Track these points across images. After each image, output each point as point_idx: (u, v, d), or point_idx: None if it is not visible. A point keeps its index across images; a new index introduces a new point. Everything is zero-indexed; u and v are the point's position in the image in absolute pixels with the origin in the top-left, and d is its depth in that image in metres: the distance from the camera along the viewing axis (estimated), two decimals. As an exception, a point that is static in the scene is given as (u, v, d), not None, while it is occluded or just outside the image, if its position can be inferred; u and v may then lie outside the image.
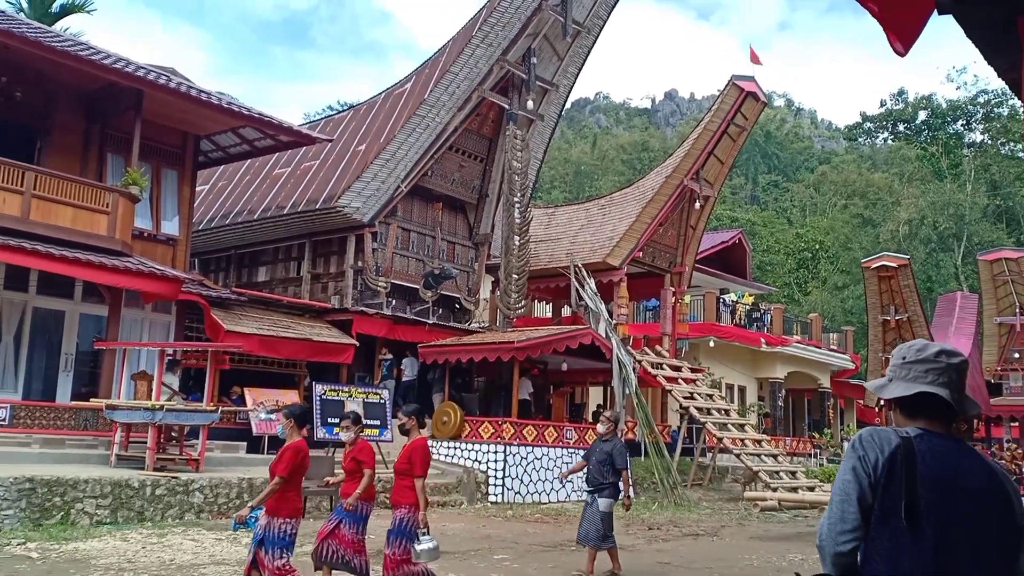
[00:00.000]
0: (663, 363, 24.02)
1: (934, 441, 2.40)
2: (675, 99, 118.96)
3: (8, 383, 15.26)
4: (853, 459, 2.43)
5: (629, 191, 26.85)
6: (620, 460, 9.50)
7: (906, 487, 2.32)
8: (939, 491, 2.31)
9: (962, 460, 2.38)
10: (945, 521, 2.29)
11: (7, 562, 8.85)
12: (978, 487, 2.34)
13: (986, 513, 2.32)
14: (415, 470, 6.98)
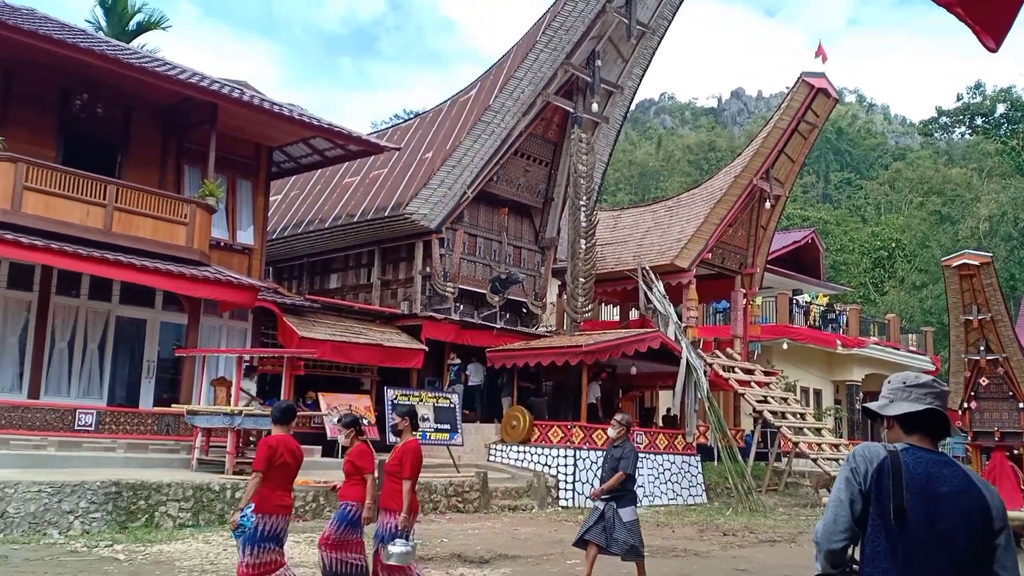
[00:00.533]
0: (735, 366, 23.62)
1: (918, 454, 2.82)
2: (742, 97, 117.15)
3: (94, 390, 15.82)
4: (847, 470, 2.86)
5: (697, 192, 26.51)
6: (624, 463, 9.00)
7: (893, 492, 2.73)
8: (921, 494, 2.73)
9: (942, 469, 2.78)
10: (926, 519, 2.71)
11: (96, 564, 9.15)
12: (954, 491, 2.74)
13: (961, 513, 2.72)
14: (404, 472, 6.89)
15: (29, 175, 13.50)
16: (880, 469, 2.79)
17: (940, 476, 2.77)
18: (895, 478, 2.76)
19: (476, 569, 9.83)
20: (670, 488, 19.92)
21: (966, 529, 2.72)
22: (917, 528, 2.71)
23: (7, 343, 14.87)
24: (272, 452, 6.33)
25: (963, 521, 2.72)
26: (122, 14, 26.24)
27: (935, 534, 2.71)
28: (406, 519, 6.84)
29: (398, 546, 6.73)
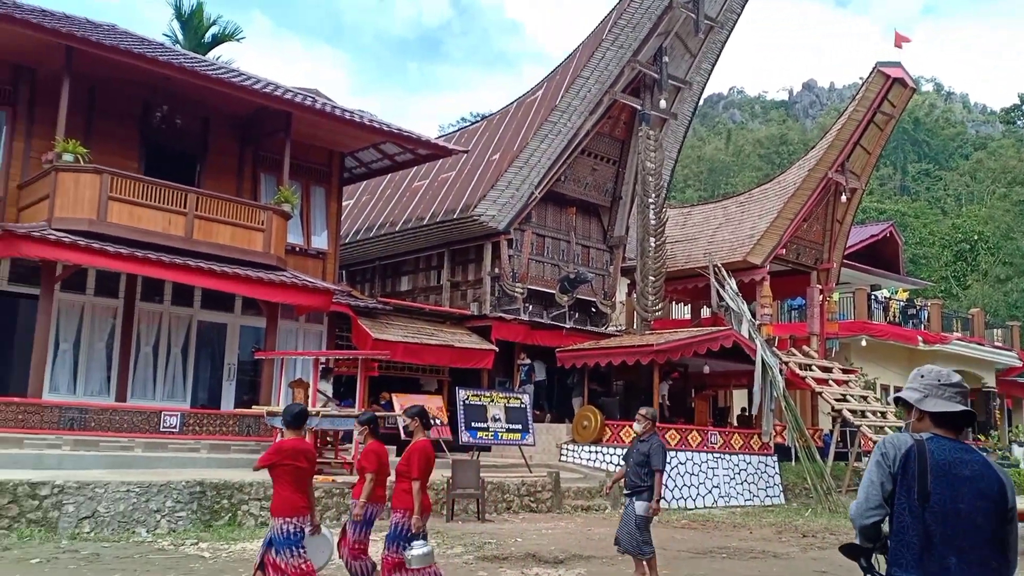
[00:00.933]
0: (812, 364, 23.09)
1: (942, 443, 3.20)
2: (814, 89, 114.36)
3: (178, 393, 16.35)
4: (878, 455, 3.27)
5: (769, 186, 26.03)
6: (656, 460, 8.75)
7: (918, 476, 3.12)
8: (944, 478, 3.11)
9: (963, 456, 3.17)
10: (949, 499, 3.09)
11: (182, 561, 9.45)
12: (972, 475, 3.12)
13: (979, 494, 3.09)
14: (412, 472, 6.86)
15: (114, 186, 14.01)
16: (907, 455, 3.18)
17: (961, 462, 3.16)
18: (920, 463, 3.14)
19: (551, 569, 9.84)
20: (746, 489, 19.59)
21: (984, 509, 3.10)
22: (939, 507, 3.09)
23: (95, 348, 15.47)
24: (279, 452, 6.37)
25: (981, 502, 3.10)
26: (198, 27, 27.06)
27: (956, 512, 3.09)
28: (419, 520, 6.82)
29: (416, 548, 6.71)
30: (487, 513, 14.31)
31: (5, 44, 14.20)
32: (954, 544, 3.07)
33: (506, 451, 18.95)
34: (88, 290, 15.42)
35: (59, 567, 8.65)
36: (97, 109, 15.88)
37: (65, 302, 15.01)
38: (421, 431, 7.17)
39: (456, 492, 14.00)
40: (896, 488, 3.19)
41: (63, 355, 15.02)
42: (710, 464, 19.03)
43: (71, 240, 13.21)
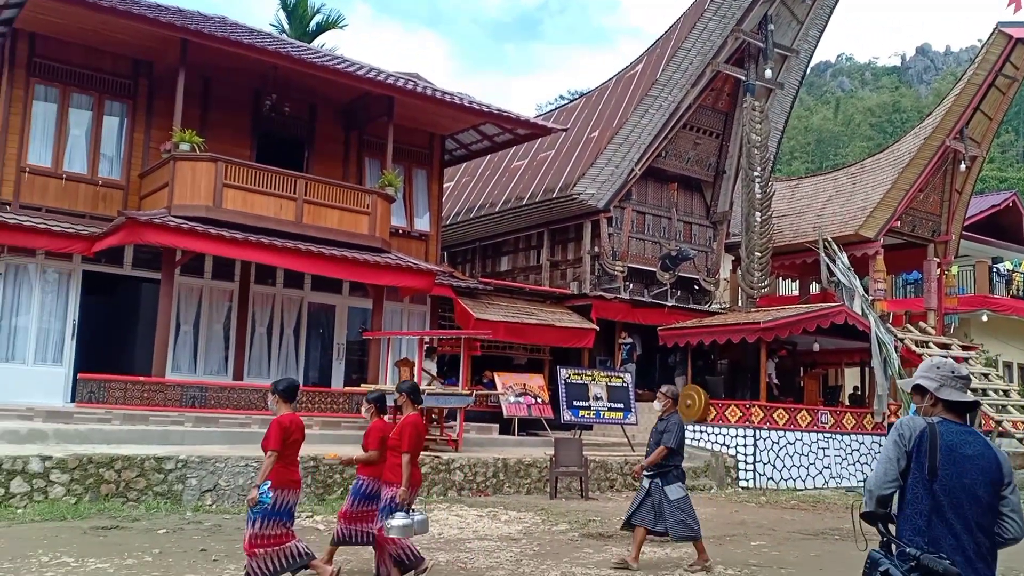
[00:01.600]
0: (929, 341, 22.13)
1: (949, 426, 3.71)
2: (928, 54, 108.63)
3: (291, 371, 16.97)
4: (895, 435, 3.74)
5: (882, 156, 24.92)
6: (667, 437, 8.51)
7: (929, 454, 3.61)
8: (950, 456, 3.61)
9: (967, 437, 3.68)
10: (954, 474, 3.59)
11: (300, 533, 9.83)
12: (974, 454, 3.63)
13: (980, 470, 3.61)
14: (403, 446, 6.96)
15: (228, 173, 14.59)
16: (921, 436, 3.68)
17: (965, 443, 3.67)
18: (931, 443, 3.64)
19: (657, 548, 9.81)
20: (859, 470, 19.00)
21: (983, 481, 3.61)
22: (946, 481, 3.60)
23: (213, 330, 16.21)
24: (286, 431, 6.51)
25: (981, 476, 3.61)
26: (302, 16, 27.79)
27: (961, 486, 3.60)
28: (405, 492, 6.95)
29: (397, 519, 6.87)
30: (590, 491, 14.35)
31: (126, 39, 14.95)
32: (958, 512, 3.61)
33: (608, 430, 18.93)
34: (206, 274, 16.14)
35: (184, 537, 9.15)
36: (211, 99, 16.55)
37: (185, 286, 15.76)
38: (410, 406, 7.31)
39: (559, 470, 14.09)
40: (910, 464, 3.70)
41: (184, 336, 15.80)
42: (820, 444, 18.54)
43: (189, 226, 13.84)
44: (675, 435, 8.54)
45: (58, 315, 14.76)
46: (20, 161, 14.69)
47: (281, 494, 6.51)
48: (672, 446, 8.51)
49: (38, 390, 14.05)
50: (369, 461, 7.49)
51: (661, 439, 8.57)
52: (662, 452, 8.52)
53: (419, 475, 7.30)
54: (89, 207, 15.18)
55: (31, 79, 14.91)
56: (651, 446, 8.78)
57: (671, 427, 8.59)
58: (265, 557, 6.46)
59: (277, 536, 6.51)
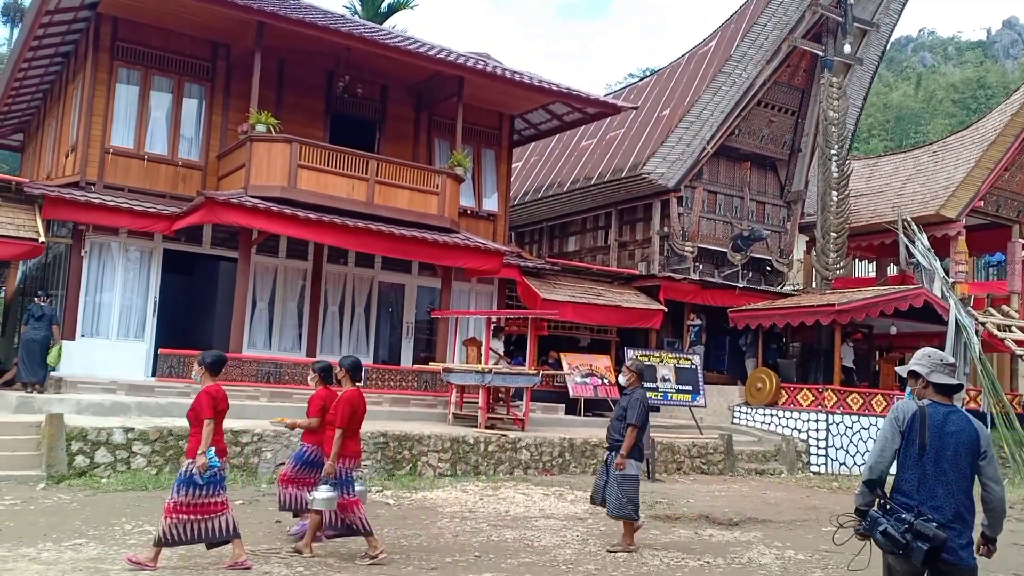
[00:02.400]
0: (1012, 325, 21.33)
1: (937, 407, 4.47)
2: (1016, 27, 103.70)
3: (361, 349, 17.26)
4: (892, 417, 4.53)
5: (966, 134, 24.01)
6: (632, 413, 8.17)
7: (920, 432, 4.39)
8: (937, 433, 4.38)
9: (951, 416, 4.43)
10: (939, 448, 4.36)
11: (369, 507, 9.95)
12: (956, 430, 4.39)
13: (961, 443, 4.36)
14: (336, 420, 7.17)
15: (303, 154, 14.83)
16: (913, 417, 4.45)
17: (949, 421, 4.42)
18: (921, 423, 4.42)
19: (726, 531, 9.73)
20: (935, 457, 18.47)
21: (964, 452, 4.37)
22: (933, 454, 4.37)
23: (288, 308, 16.58)
24: (214, 400, 6.71)
25: (962, 448, 4.37)
26: (374, -3, 28.01)
27: (944, 457, 4.36)
28: (331, 466, 7.09)
29: (321, 492, 7.05)
30: (657, 473, 14.29)
31: (204, 22, 15.29)
32: (941, 479, 4.37)
33: (676, 412, 18.79)
34: (281, 253, 16.49)
35: (260, 508, 9.43)
36: (286, 81, 16.83)
37: (260, 264, 16.14)
38: (349, 382, 7.47)
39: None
40: (904, 441, 4.46)
41: (259, 314, 16.20)
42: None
43: (265, 206, 14.14)
44: (637, 411, 8.26)
45: (140, 292, 15.28)
46: (104, 142, 15.19)
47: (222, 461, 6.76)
48: (636, 423, 8.23)
49: (121, 364, 14.59)
50: (310, 427, 7.78)
51: (626, 415, 8.31)
52: (632, 434, 8.23)
53: (353, 448, 7.39)
54: (169, 187, 15.63)
55: (114, 62, 15.37)
56: (613, 422, 8.55)
57: (633, 403, 8.31)
58: (188, 523, 6.57)
59: (211, 505, 6.66)
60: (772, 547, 8.89)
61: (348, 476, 7.27)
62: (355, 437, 7.40)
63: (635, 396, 8.38)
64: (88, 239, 14.87)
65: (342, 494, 7.20)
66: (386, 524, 8.97)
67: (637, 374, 8.64)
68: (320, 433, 7.67)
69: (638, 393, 8.44)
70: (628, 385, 8.64)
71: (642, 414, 8.27)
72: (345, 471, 7.25)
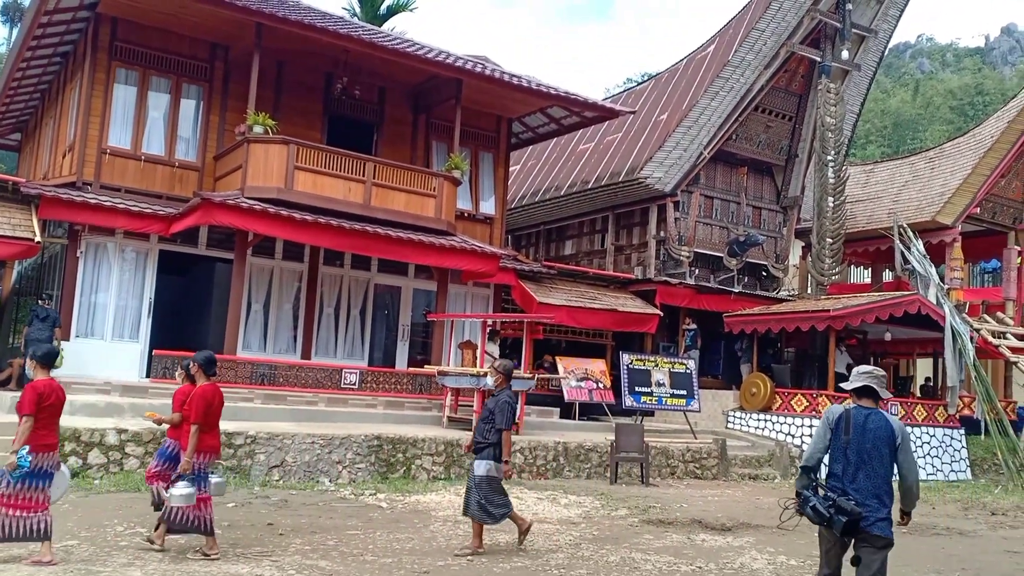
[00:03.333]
0: (1007, 332, 21.39)
1: (860, 409, 5.45)
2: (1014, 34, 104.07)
3: (356, 352, 17.28)
4: (824, 417, 5.53)
5: (962, 140, 24.08)
6: (500, 418, 7.94)
7: (844, 429, 5.38)
8: (858, 431, 5.35)
9: (871, 416, 5.39)
10: (860, 442, 5.33)
11: (362, 510, 10.06)
12: (874, 427, 5.35)
13: (878, 437, 5.32)
14: (191, 416, 7.25)
15: (300, 156, 14.84)
16: (840, 418, 5.47)
17: (868, 419, 5.41)
18: (846, 424, 5.42)
19: (718, 536, 9.74)
20: (929, 463, 18.52)
21: (882, 444, 5.35)
22: (855, 446, 5.36)
23: (283, 310, 16.58)
24: (41, 396, 6.61)
25: (879, 442, 5.35)
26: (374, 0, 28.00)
27: (865, 449, 5.35)
28: (187, 462, 7.12)
29: (178, 488, 7.05)
30: (651, 478, 14.30)
31: (203, 23, 15.30)
32: (862, 467, 5.34)
33: (670, 416, 18.82)
34: (277, 255, 16.50)
35: (252, 511, 9.43)
36: (283, 83, 16.84)
37: (256, 266, 16.14)
38: (203, 376, 7.52)
39: (620, 456, 14.07)
40: (832, 436, 5.48)
41: (255, 316, 16.20)
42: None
43: (261, 208, 14.14)
44: (506, 415, 8.04)
45: (135, 293, 15.27)
46: (101, 143, 15.18)
47: (38, 458, 6.60)
48: (504, 427, 8.01)
49: (115, 365, 14.58)
50: (172, 423, 7.81)
51: (492, 417, 8.07)
52: (508, 439, 8.05)
53: (210, 443, 7.38)
54: (166, 188, 15.62)
55: (112, 62, 15.37)
56: (479, 424, 8.29)
57: (501, 406, 8.07)
58: (9, 518, 6.50)
59: (30, 501, 6.58)
60: (764, 552, 8.90)
61: (203, 472, 7.29)
62: (212, 432, 7.43)
63: (502, 398, 8.17)
64: (84, 239, 14.86)
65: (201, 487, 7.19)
66: (379, 527, 8.98)
67: (504, 375, 8.42)
68: (180, 428, 7.70)
69: (505, 395, 8.22)
70: (496, 387, 8.44)
71: (510, 417, 8.11)
72: (201, 466, 7.27)
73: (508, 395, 8.23)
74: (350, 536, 8.44)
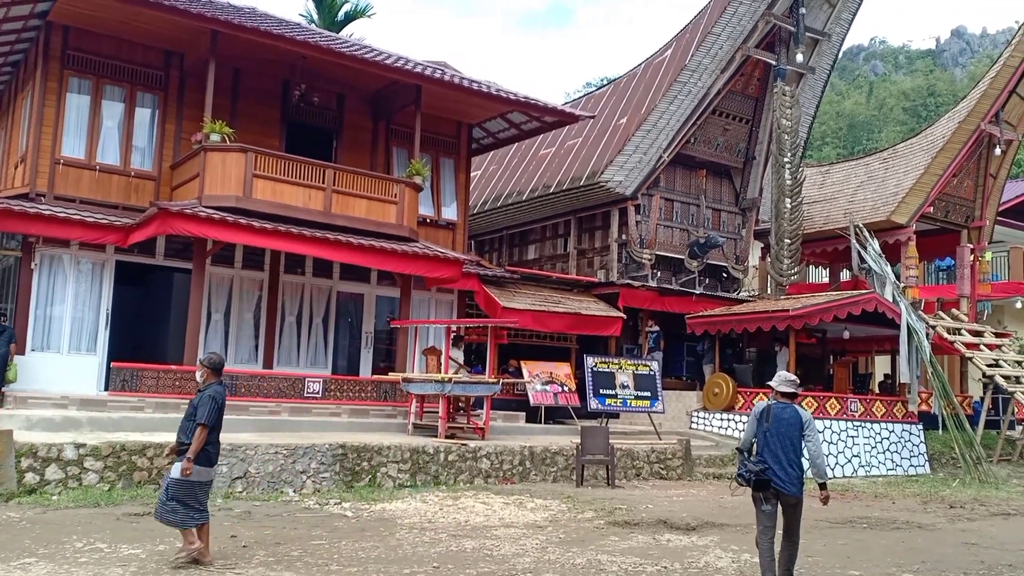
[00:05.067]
0: (961, 328, 21.85)
1: (779, 404, 7.28)
2: (964, 36, 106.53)
3: (319, 360, 17.15)
4: (754, 411, 7.39)
5: (915, 141, 24.57)
6: (203, 411, 7.40)
7: (766, 419, 7.20)
8: (776, 420, 7.16)
9: (786, 408, 7.24)
10: (776, 428, 7.13)
11: (327, 519, 9.99)
12: (788, 417, 7.16)
13: (790, 424, 7.14)
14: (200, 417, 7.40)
15: (258, 163, 14.70)
16: (764, 410, 7.25)
17: (784, 411, 7.19)
18: (767, 414, 7.20)
19: (683, 536, 9.83)
20: (888, 458, 18.85)
21: (792, 428, 7.11)
22: (774, 431, 7.10)
23: (244, 319, 16.40)
24: None
25: (790, 428, 7.11)
26: (331, 6, 27.86)
27: (780, 433, 7.09)
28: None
29: None
30: (616, 479, 14.38)
31: (157, 31, 15.10)
32: (778, 446, 7.10)
33: (635, 418, 18.94)
34: (236, 264, 16.32)
35: (215, 523, 9.26)
36: (241, 90, 16.68)
37: (216, 275, 15.96)
38: None
39: (585, 458, 14.13)
40: (758, 425, 7.24)
41: (215, 325, 16.01)
42: (850, 433, 18.41)
43: (220, 216, 14.00)
44: (209, 409, 7.45)
45: (92, 305, 15.02)
46: (54, 153, 14.92)
47: None
48: (207, 423, 7.43)
49: (72, 379, 14.31)
50: None
51: (195, 414, 7.50)
52: (201, 434, 7.39)
53: None
54: (122, 198, 15.39)
55: (64, 71, 15.12)
56: (183, 422, 7.68)
57: (204, 400, 7.52)
58: None
59: None
60: (728, 551, 9.00)
61: None
62: None
63: (207, 393, 7.63)
64: (38, 251, 14.59)
65: None
66: (344, 537, 8.92)
67: (211, 369, 7.87)
68: None
69: (211, 389, 7.67)
70: (203, 382, 7.86)
71: (213, 412, 7.49)
72: None
73: (214, 390, 7.66)
74: (315, 546, 8.38)
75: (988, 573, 8.51)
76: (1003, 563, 9.00)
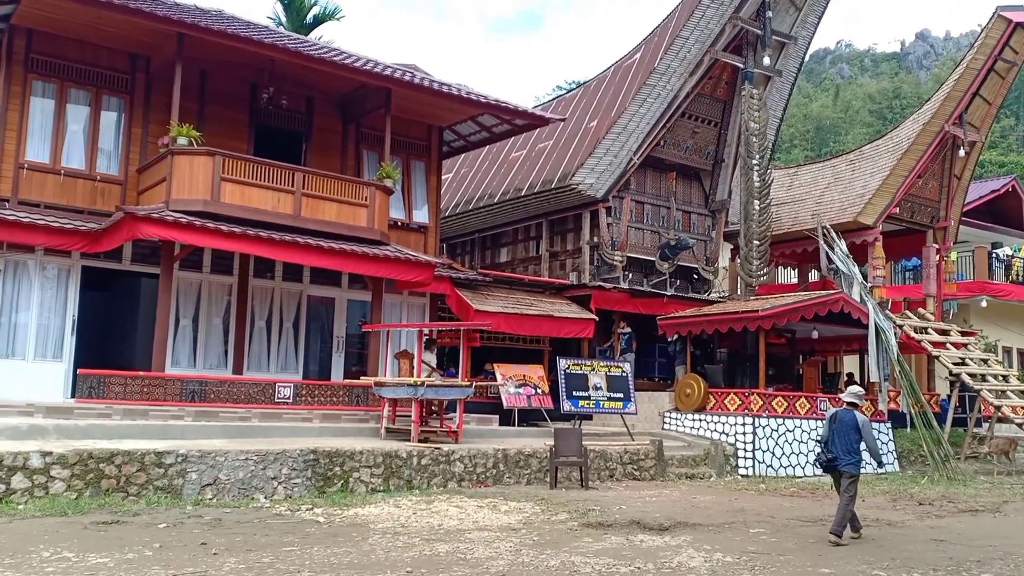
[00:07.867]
0: (928, 327, 22.18)
1: (844, 411, 10.43)
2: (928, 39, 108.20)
3: (290, 365, 17.02)
4: (827, 415, 10.61)
5: (881, 143, 24.91)
6: None
7: (834, 421, 10.31)
8: (840, 422, 10.26)
9: (848, 414, 10.33)
10: (840, 428, 10.22)
11: (299, 526, 9.90)
12: (847, 419, 10.26)
13: (849, 425, 10.21)
14: None
15: (226, 167, 14.56)
16: (833, 415, 10.39)
17: (845, 415, 10.30)
18: (836, 418, 10.30)
19: (656, 536, 9.86)
20: (858, 457, 19.04)
21: (849, 429, 10.15)
22: (838, 429, 10.19)
23: (212, 324, 16.23)
24: None
25: (849, 428, 10.16)
26: (299, 9, 27.69)
27: (843, 431, 10.16)
28: None
29: None
30: (590, 481, 14.41)
31: (122, 34, 14.93)
32: (840, 440, 10.09)
33: (608, 419, 18.99)
34: (205, 268, 16.16)
35: (184, 531, 9.19)
36: (208, 93, 16.53)
37: (184, 280, 15.78)
38: None
39: (559, 460, 14.14)
40: (830, 425, 10.21)
41: (183, 331, 15.83)
42: (819, 431, 18.56)
43: (187, 220, 13.84)
44: None
45: (57, 311, 14.79)
46: (18, 157, 14.69)
47: None
48: None
49: (38, 386, 14.08)
50: None
51: None
52: None
53: None
54: (88, 202, 15.18)
55: (28, 75, 14.89)
56: None
57: None
58: None
59: None
60: (701, 550, 9.04)
61: None
62: None
63: None
64: (2, 257, 14.34)
65: None
66: (316, 543, 8.85)
67: None
68: None
69: None
70: None
71: None
72: None
73: None
74: (286, 553, 8.30)
75: (956, 569, 8.61)
76: (971, 559, 9.13)
